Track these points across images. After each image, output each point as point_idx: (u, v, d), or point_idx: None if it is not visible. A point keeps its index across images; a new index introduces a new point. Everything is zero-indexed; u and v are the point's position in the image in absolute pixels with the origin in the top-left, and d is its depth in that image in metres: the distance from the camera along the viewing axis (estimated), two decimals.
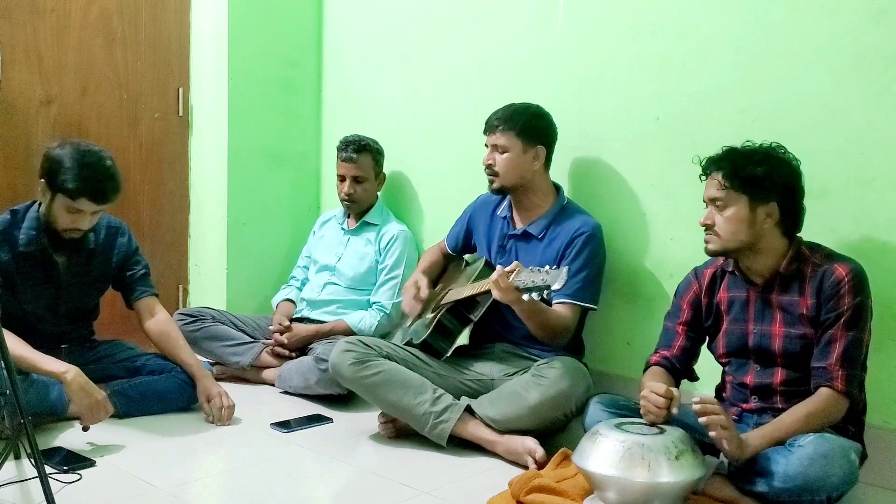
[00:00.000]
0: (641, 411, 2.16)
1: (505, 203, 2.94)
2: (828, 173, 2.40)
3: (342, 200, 3.49)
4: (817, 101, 2.46)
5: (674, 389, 2.15)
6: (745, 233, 2.17)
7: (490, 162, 2.79)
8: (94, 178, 2.60)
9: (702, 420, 2.01)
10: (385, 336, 3.24)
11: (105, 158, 2.66)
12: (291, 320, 3.40)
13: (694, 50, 2.72)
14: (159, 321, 2.92)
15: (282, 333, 3.30)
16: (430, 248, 3.25)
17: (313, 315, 3.43)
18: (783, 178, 2.17)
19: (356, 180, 3.42)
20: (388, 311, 3.34)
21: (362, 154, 3.41)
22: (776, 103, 2.53)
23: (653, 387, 2.15)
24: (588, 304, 2.72)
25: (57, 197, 2.62)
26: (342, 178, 3.45)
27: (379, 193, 3.55)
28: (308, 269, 3.65)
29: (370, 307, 3.38)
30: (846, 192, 2.41)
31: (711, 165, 2.22)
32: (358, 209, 3.50)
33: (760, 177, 2.14)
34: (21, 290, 2.71)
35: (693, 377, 2.44)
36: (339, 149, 3.47)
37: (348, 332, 3.27)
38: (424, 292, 2.91)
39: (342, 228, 3.56)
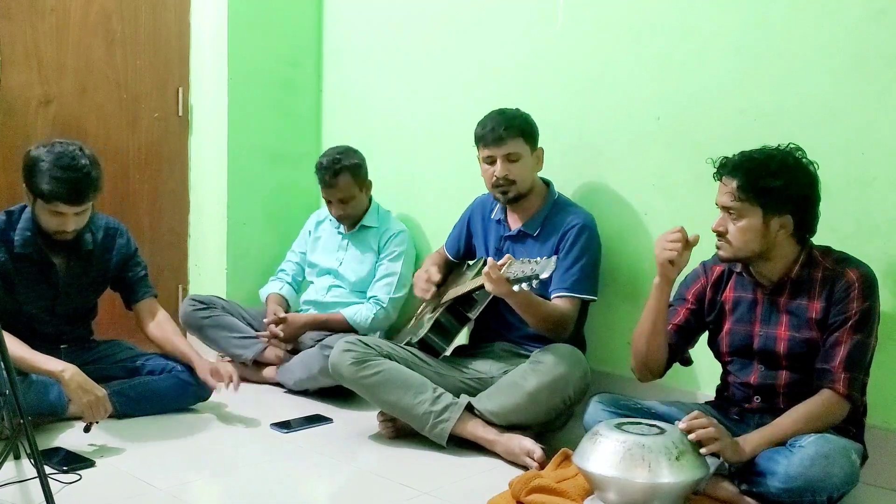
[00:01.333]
0: (656, 251, 2.24)
1: (498, 206, 2.93)
2: (828, 173, 2.39)
3: (336, 219, 3.46)
4: (817, 101, 2.46)
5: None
6: (757, 243, 2.15)
7: (506, 173, 2.73)
8: (67, 179, 2.54)
9: (691, 437, 2.01)
10: (388, 336, 3.23)
11: (79, 158, 2.57)
12: None
13: (694, 50, 2.72)
14: (160, 323, 2.92)
15: (277, 325, 3.29)
16: (430, 255, 3.24)
17: None
18: (799, 190, 2.13)
19: (341, 201, 3.37)
20: (384, 306, 3.32)
21: (339, 176, 3.32)
22: (776, 103, 2.54)
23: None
24: (586, 295, 2.71)
25: (37, 201, 2.60)
26: (328, 202, 3.41)
27: (371, 196, 3.49)
28: (300, 264, 3.62)
29: (368, 301, 3.37)
30: (846, 192, 2.41)
31: (726, 171, 2.17)
32: (353, 221, 3.46)
33: (776, 190, 2.10)
34: (19, 291, 2.71)
35: (687, 361, 2.44)
36: (316, 171, 3.39)
37: (344, 323, 3.27)
38: (436, 276, 2.91)
39: (339, 232, 3.53)
